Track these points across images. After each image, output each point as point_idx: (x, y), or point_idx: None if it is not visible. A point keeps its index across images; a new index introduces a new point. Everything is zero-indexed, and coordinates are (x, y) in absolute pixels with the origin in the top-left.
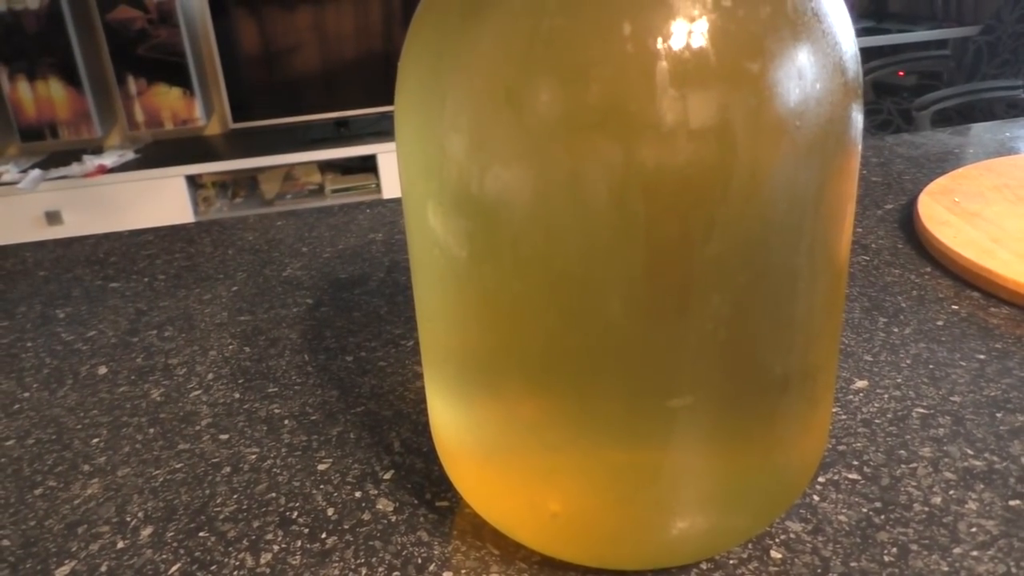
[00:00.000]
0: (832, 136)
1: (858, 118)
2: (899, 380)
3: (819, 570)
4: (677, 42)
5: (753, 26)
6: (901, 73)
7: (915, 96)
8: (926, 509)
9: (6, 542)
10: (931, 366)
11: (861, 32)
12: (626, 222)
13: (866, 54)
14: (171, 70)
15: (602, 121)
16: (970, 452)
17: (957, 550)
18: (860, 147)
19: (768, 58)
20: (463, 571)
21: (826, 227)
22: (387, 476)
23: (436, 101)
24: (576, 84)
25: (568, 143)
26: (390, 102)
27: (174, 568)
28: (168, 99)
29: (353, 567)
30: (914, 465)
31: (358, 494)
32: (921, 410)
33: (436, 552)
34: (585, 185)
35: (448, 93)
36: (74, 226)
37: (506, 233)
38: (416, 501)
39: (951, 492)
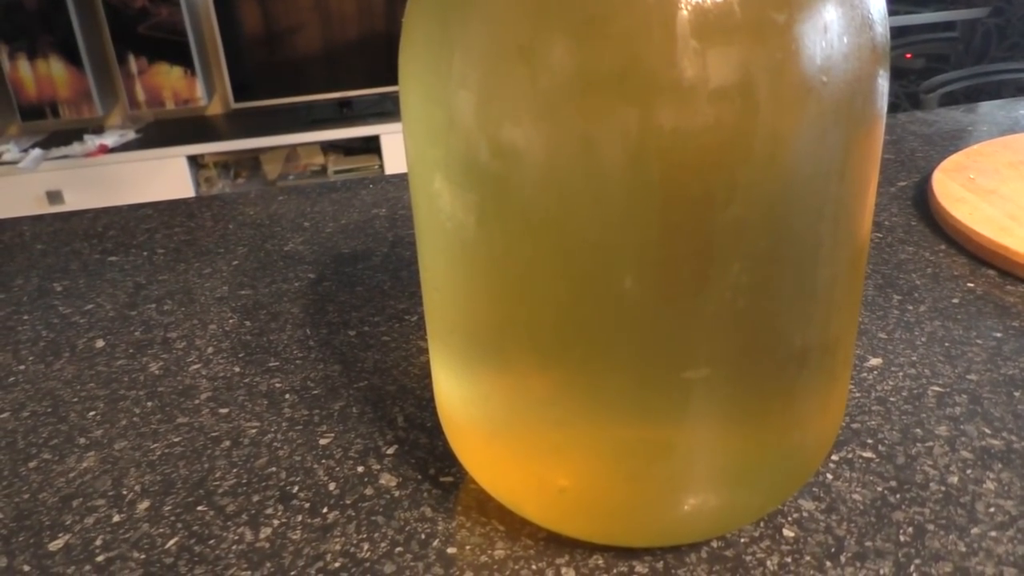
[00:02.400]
0: (859, 96)
1: (884, 84)
2: (914, 358)
3: (833, 549)
4: None
5: None
6: (908, 56)
7: (922, 79)
8: (943, 488)
9: None
10: (947, 344)
11: None
12: (643, 184)
13: None
14: (172, 49)
15: (620, 75)
16: (987, 431)
17: (975, 530)
18: (885, 115)
19: (794, 9)
20: (467, 547)
21: (849, 194)
22: (390, 451)
23: (444, 59)
24: (592, 37)
25: (583, 98)
26: (393, 82)
27: (171, 542)
28: (169, 78)
29: (355, 542)
30: (930, 444)
31: (360, 469)
32: (937, 388)
33: (440, 527)
34: (602, 140)
35: (456, 49)
36: (75, 206)
37: (516, 198)
38: (420, 476)
39: (968, 471)
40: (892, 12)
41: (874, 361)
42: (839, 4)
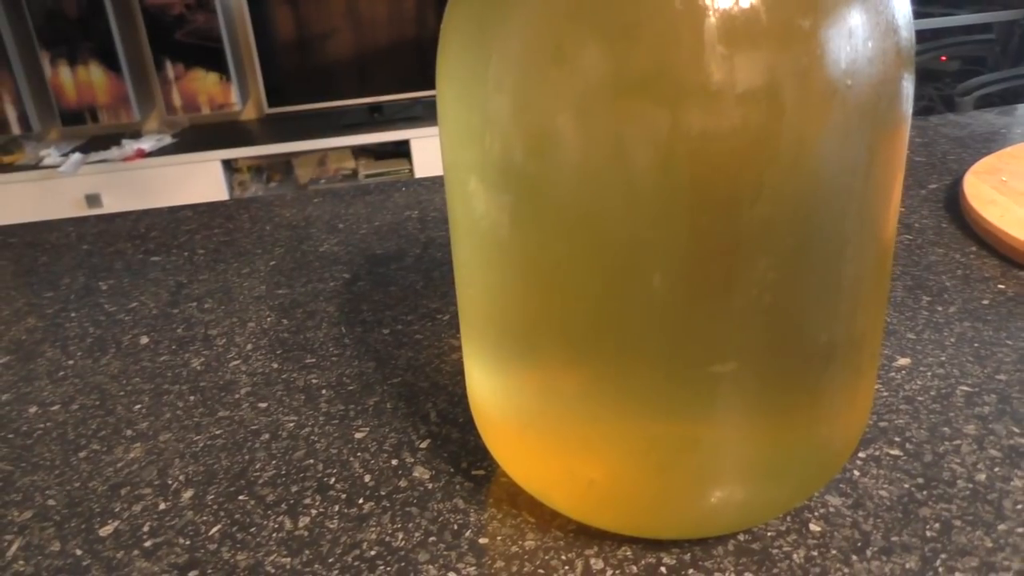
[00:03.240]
0: (884, 98)
1: (909, 86)
2: (943, 358)
3: (859, 544)
4: None
5: None
6: (943, 58)
7: (958, 82)
8: (970, 486)
9: (52, 502)
10: (976, 345)
11: None
12: (673, 184)
13: None
14: (208, 55)
15: (650, 80)
16: (1016, 430)
17: (1002, 526)
18: (910, 117)
19: (820, 14)
20: (499, 538)
21: (875, 193)
22: (423, 445)
23: (480, 63)
24: (623, 42)
25: (615, 102)
26: (423, 88)
27: (214, 529)
28: (205, 84)
29: (390, 532)
30: (958, 442)
31: (395, 462)
32: (965, 388)
33: (472, 519)
34: (631, 145)
35: (493, 54)
36: (113, 208)
37: (549, 198)
38: (452, 469)
39: (996, 469)
40: (927, 14)
41: (903, 361)
42: (864, 9)
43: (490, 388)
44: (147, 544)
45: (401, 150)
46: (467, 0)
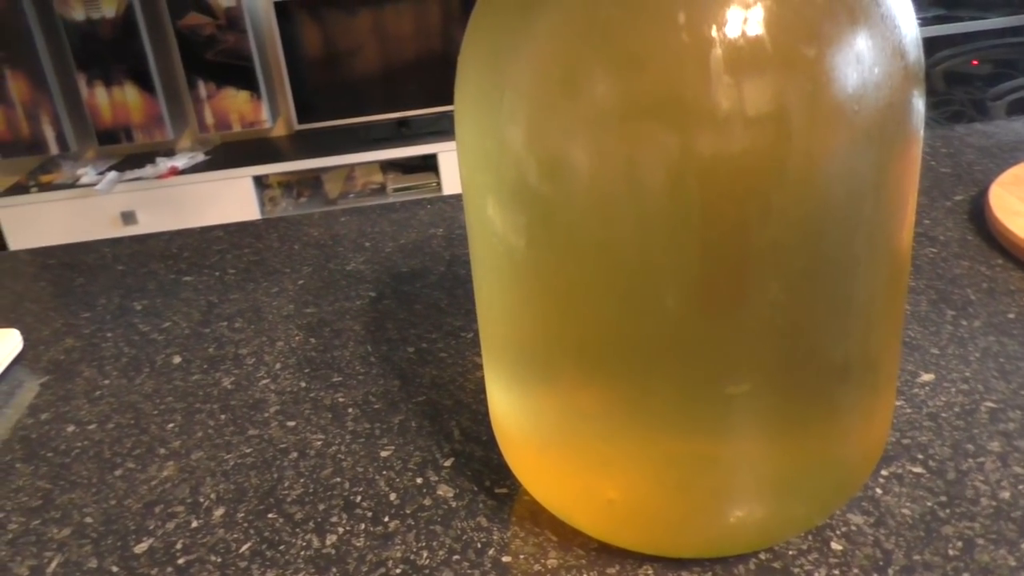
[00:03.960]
0: (892, 121)
1: (919, 103)
2: (967, 374)
3: (881, 562)
4: (732, 29)
5: (809, 10)
6: (975, 62)
7: (989, 86)
8: (993, 504)
9: (89, 519)
10: (1001, 360)
11: (932, 20)
12: (684, 209)
13: (937, 43)
14: (239, 74)
15: (659, 110)
16: None
17: None
18: (922, 133)
19: (825, 43)
20: (522, 556)
21: (886, 214)
22: (447, 463)
23: (495, 95)
24: (632, 74)
25: (625, 133)
26: (450, 102)
27: (245, 547)
28: (236, 102)
29: (415, 550)
30: (982, 459)
31: (419, 480)
32: (990, 404)
33: (495, 537)
34: (642, 173)
35: (506, 87)
36: (147, 225)
37: (563, 222)
38: (476, 488)
39: (1020, 487)
40: (958, 18)
41: (926, 377)
42: (870, 36)
43: (510, 408)
44: (180, 561)
45: (428, 163)
46: (482, 32)
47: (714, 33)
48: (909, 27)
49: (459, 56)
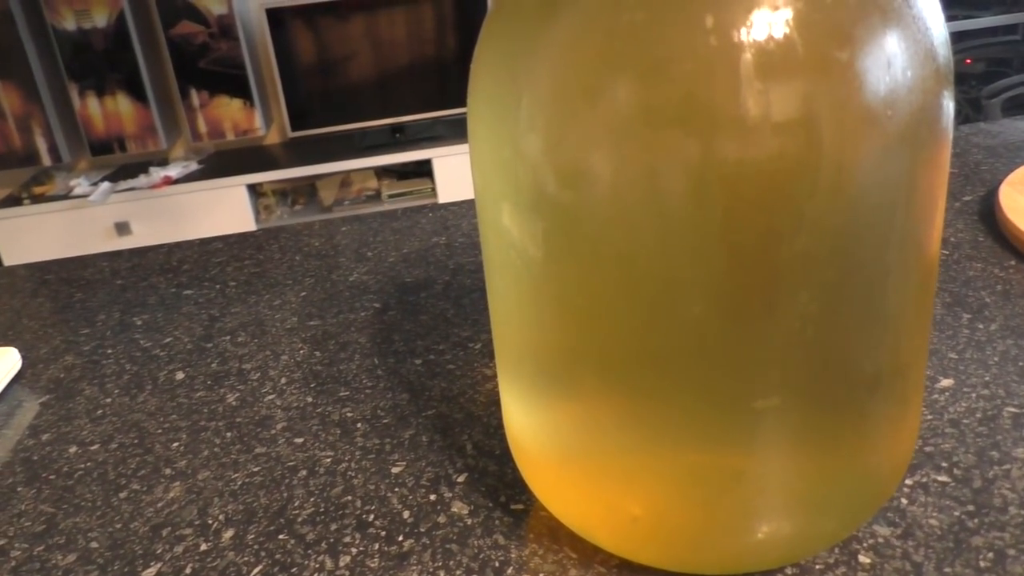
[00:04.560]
0: (924, 125)
1: (949, 106)
2: (987, 378)
3: (911, 575)
4: (761, 33)
5: (841, 13)
6: (968, 61)
7: (983, 84)
8: (1022, 512)
9: (95, 544)
10: (1021, 363)
11: None
12: (710, 218)
13: None
14: (232, 82)
15: (685, 117)
16: None
17: None
18: (951, 136)
19: (857, 46)
20: (541, 574)
21: (917, 220)
22: (460, 479)
23: (511, 101)
24: (658, 80)
25: (650, 140)
26: (444, 107)
27: (256, 570)
28: (229, 110)
29: (431, 570)
30: (1007, 467)
31: (432, 497)
32: (1012, 409)
33: (513, 555)
34: (667, 182)
35: (524, 93)
36: (142, 236)
37: (584, 232)
38: (491, 504)
39: None
40: (951, 17)
41: (945, 382)
42: (902, 38)
43: (528, 422)
44: None
45: (423, 169)
46: (498, 37)
47: (743, 37)
48: (939, 28)
49: (472, 62)
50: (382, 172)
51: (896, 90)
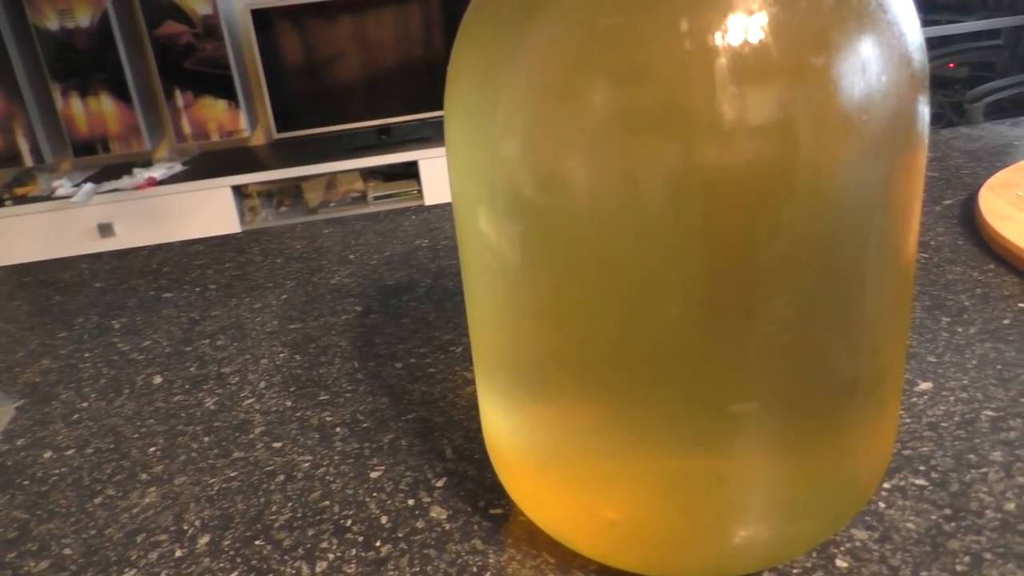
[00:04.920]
0: (900, 130)
1: (924, 111)
2: (965, 382)
3: None
4: (737, 37)
5: (816, 18)
6: (952, 65)
7: (967, 88)
8: (999, 516)
9: (68, 551)
10: (999, 367)
11: None
12: (687, 222)
13: None
14: (217, 83)
15: (662, 121)
16: None
17: None
18: (927, 141)
19: (832, 51)
20: None
21: (893, 224)
22: (440, 483)
23: (488, 105)
24: (634, 83)
25: (627, 144)
26: (431, 109)
27: None
28: (214, 111)
29: (408, 575)
30: (985, 470)
31: (411, 502)
32: (990, 412)
33: (491, 560)
34: (644, 186)
35: (501, 96)
36: (125, 238)
37: (562, 236)
38: (470, 509)
39: None
40: (935, 22)
41: (924, 385)
42: (877, 43)
43: (505, 427)
44: None
45: (410, 171)
46: (475, 41)
47: (719, 41)
48: (914, 33)
49: (449, 65)
50: (368, 174)
51: (871, 95)
